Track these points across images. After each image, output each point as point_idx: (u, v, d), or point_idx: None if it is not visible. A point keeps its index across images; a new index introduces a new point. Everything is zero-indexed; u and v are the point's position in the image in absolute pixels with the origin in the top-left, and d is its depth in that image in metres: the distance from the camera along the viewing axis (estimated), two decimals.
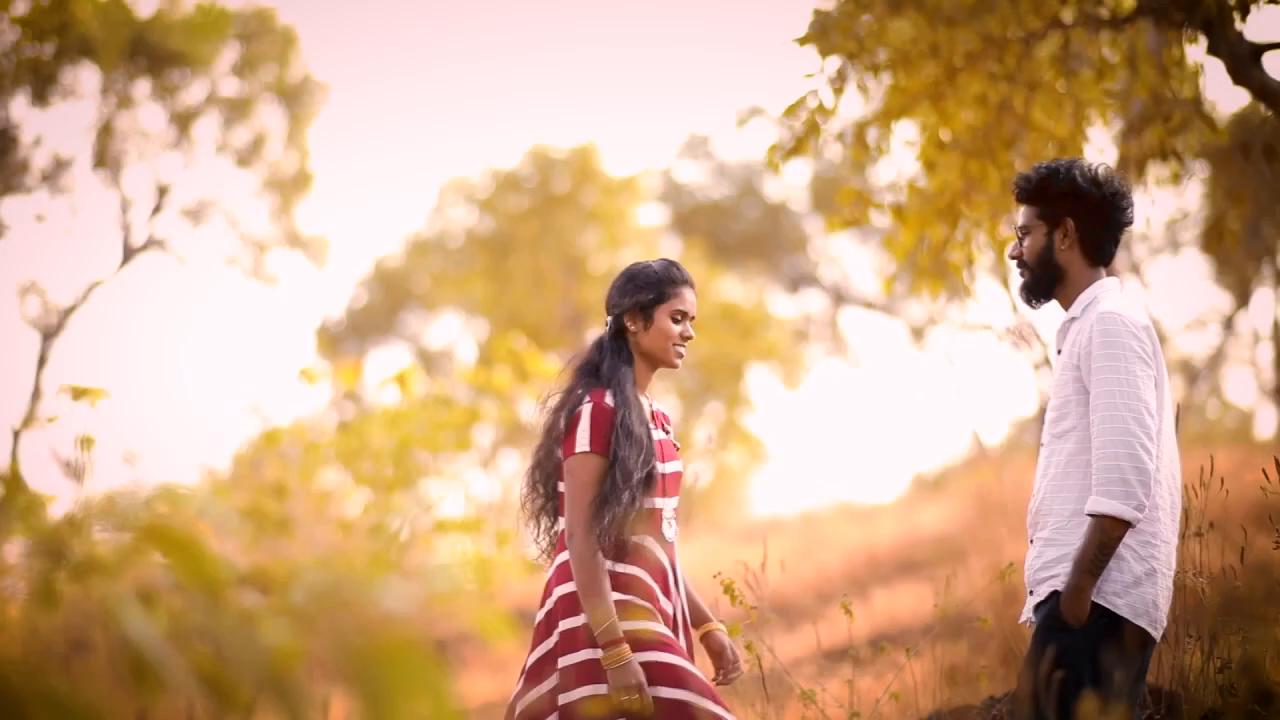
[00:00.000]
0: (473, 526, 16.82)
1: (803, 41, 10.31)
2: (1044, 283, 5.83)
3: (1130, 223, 5.82)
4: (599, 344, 5.87)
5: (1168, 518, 5.63)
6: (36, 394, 24.89)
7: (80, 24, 24.83)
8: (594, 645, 5.53)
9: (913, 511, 18.46)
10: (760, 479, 32.46)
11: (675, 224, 31.61)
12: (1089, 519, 5.48)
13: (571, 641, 5.57)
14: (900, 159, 11.07)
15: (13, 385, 26.86)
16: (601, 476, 5.60)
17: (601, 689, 5.50)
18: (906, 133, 11.33)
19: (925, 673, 7.90)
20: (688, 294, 5.88)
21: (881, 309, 31.72)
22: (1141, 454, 5.45)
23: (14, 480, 3.34)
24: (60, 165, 25.66)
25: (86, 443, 15.55)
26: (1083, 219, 5.76)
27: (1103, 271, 5.82)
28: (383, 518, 16.06)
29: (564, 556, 5.67)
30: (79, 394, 16.28)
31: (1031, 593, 5.70)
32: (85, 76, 25.49)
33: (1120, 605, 5.52)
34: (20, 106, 25.32)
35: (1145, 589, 5.55)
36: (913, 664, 7.60)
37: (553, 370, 16.47)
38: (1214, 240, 10.82)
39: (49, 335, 25.48)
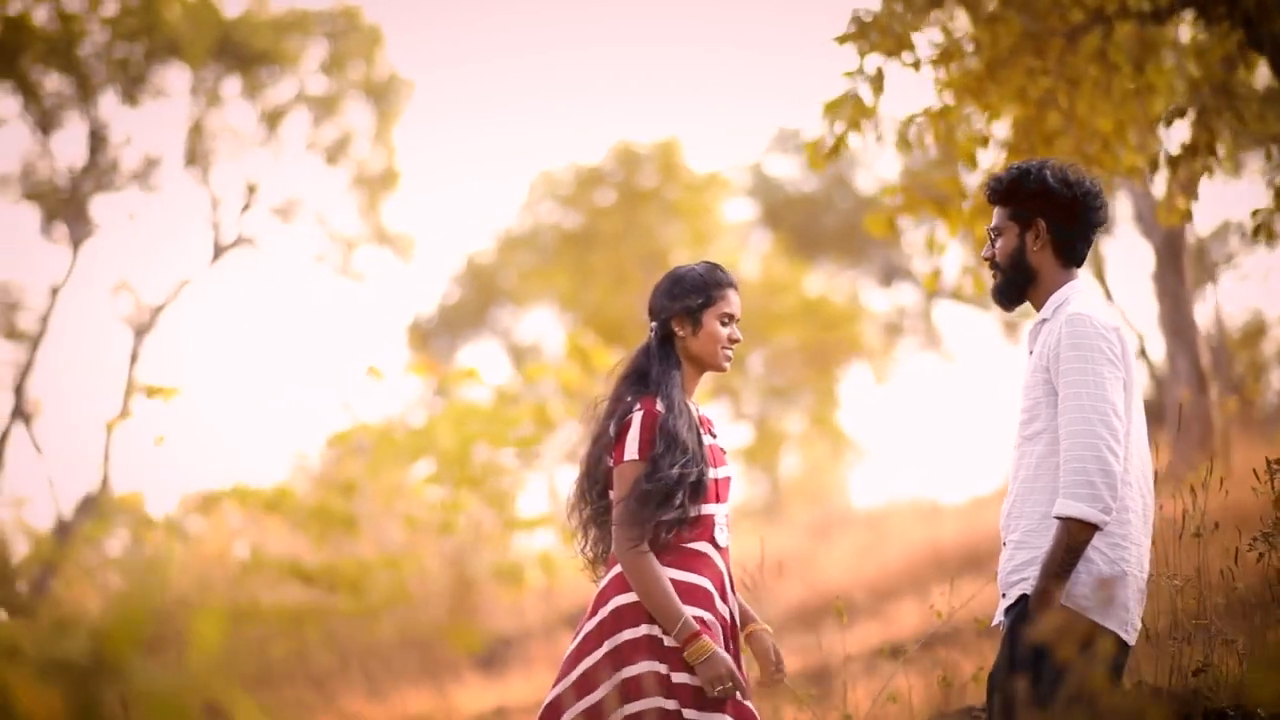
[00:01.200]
0: (541, 524, 16.89)
1: (842, 40, 10.28)
2: (1016, 284, 5.80)
3: (1103, 223, 5.77)
4: (645, 350, 5.81)
5: (1138, 520, 5.58)
6: (129, 391, 25.15)
7: (167, 24, 25.08)
8: (652, 657, 5.50)
9: (987, 509, 18.35)
10: (849, 473, 32.38)
11: (765, 218, 31.55)
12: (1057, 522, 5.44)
13: (630, 653, 5.54)
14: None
15: (107, 382, 27.16)
16: (642, 482, 5.56)
17: (659, 701, 5.48)
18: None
19: (933, 677, 7.86)
20: (733, 296, 5.85)
21: (973, 302, 31.50)
22: (1108, 456, 5.41)
23: None
24: (150, 164, 25.93)
25: (159, 440, 15.59)
26: (1054, 219, 5.72)
27: (1075, 272, 5.78)
28: (450, 515, 16.15)
29: (619, 568, 5.62)
30: (153, 392, 16.43)
31: (1004, 595, 5.67)
32: (174, 76, 25.75)
33: (1090, 608, 5.48)
34: (111, 106, 25.63)
35: (1115, 591, 5.50)
36: (910, 669, 7.57)
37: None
38: (1266, 234, 10.72)
39: (141, 332, 25.74)
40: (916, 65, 10.37)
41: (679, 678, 5.51)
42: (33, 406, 25.24)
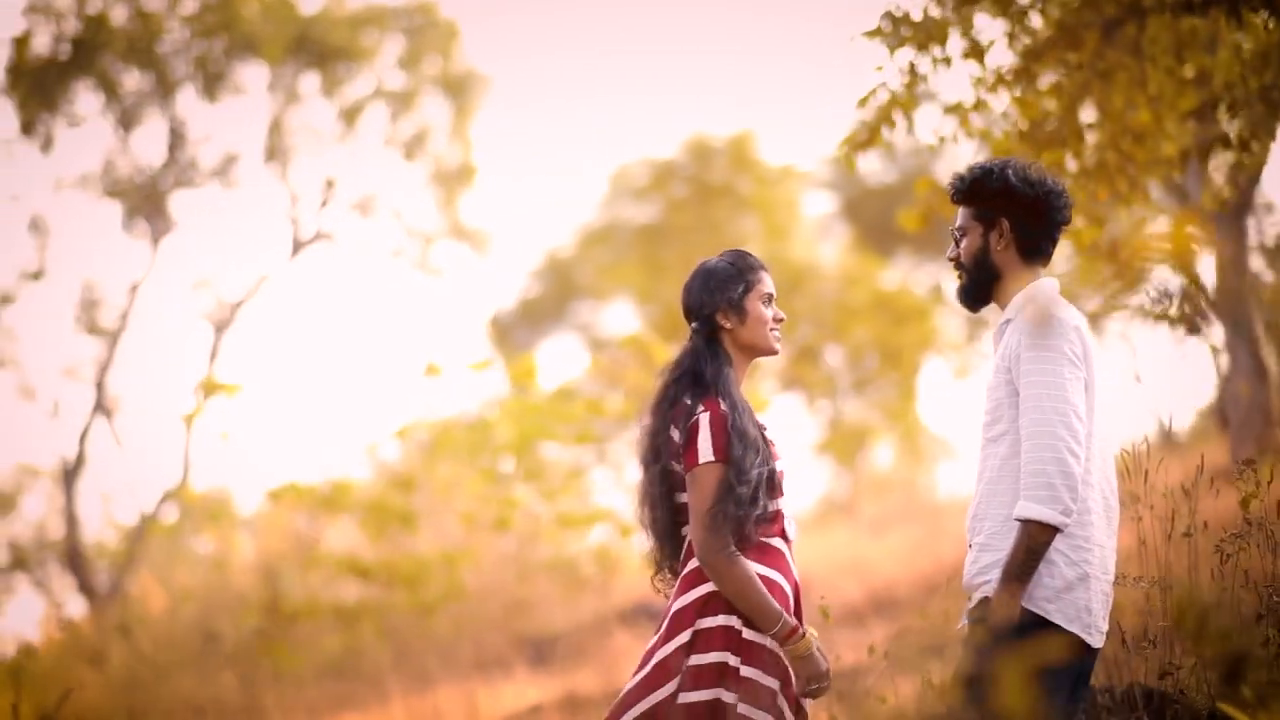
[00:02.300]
0: (596, 520, 16.88)
1: (871, 35, 10.23)
2: (980, 285, 5.76)
3: (1066, 221, 5.74)
4: (693, 351, 5.74)
5: (1101, 521, 5.54)
6: (208, 387, 25.34)
7: (245, 21, 25.27)
8: (727, 649, 5.48)
9: None
10: (935, 468, 32.18)
11: (844, 211, 31.39)
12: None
13: (707, 641, 5.51)
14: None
15: (186, 378, 27.39)
16: (729, 485, 5.52)
17: (721, 693, 5.45)
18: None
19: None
20: (768, 277, 5.82)
21: None
22: (1068, 458, 5.36)
23: None
24: (229, 161, 26.12)
25: (224, 437, 15.76)
26: (1018, 218, 5.68)
27: (1040, 272, 5.74)
28: (506, 511, 16.18)
29: (694, 564, 5.60)
30: (215, 389, 16.55)
31: (969, 598, 5.63)
32: (252, 73, 25.92)
33: (1051, 611, 5.44)
34: (189, 103, 25.83)
35: (1078, 594, 5.46)
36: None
37: None
38: None
39: (220, 328, 25.92)
40: (948, 61, 10.31)
41: (748, 671, 5.48)
42: (113, 402, 25.49)
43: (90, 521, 25.82)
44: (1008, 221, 5.68)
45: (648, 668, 5.56)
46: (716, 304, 5.74)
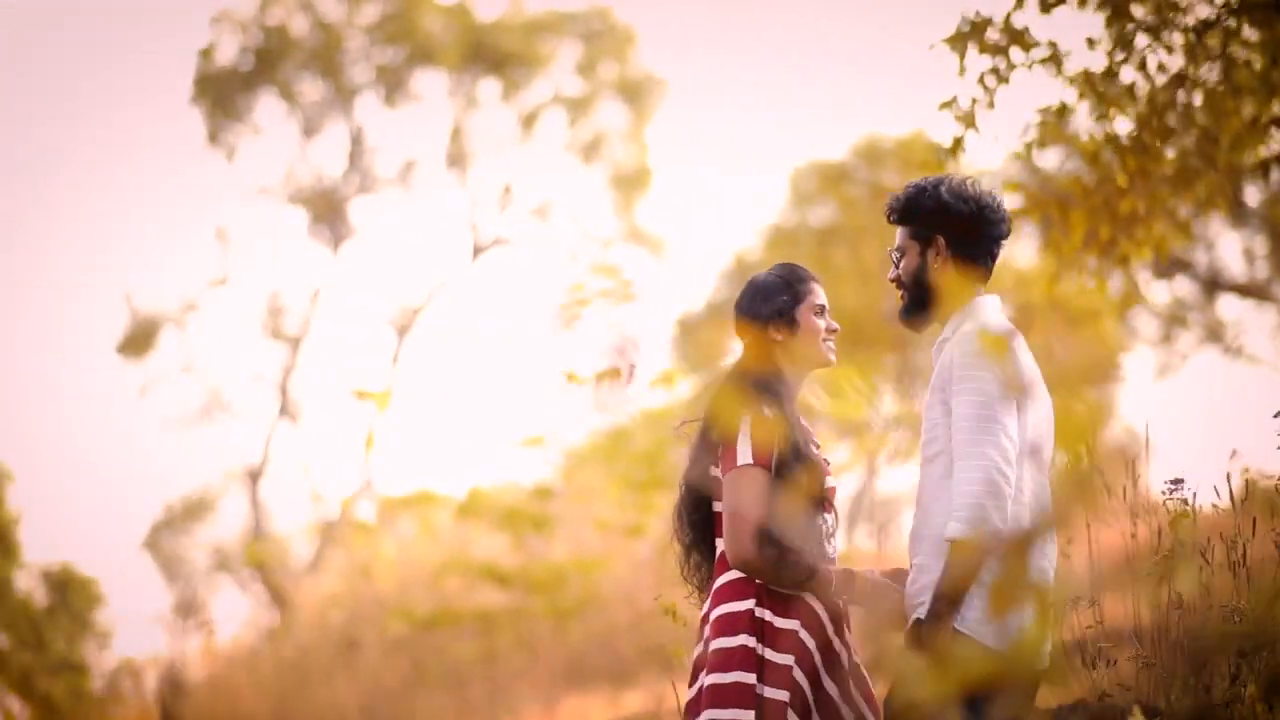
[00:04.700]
0: None
1: (951, 42, 10.09)
2: (920, 303, 5.65)
3: (1004, 235, 5.62)
4: (742, 364, 5.69)
5: (1035, 540, 5.41)
6: (389, 390, 25.66)
7: (422, 30, 25.57)
8: (744, 669, 5.41)
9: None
10: (1132, 470, 31.52)
11: (1030, 209, 30.82)
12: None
13: (725, 661, 5.44)
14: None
15: (368, 383, 27.74)
16: (767, 491, 5.43)
17: (745, 715, 5.43)
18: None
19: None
20: (818, 288, 5.74)
21: (1256, 295, 30.57)
22: (997, 478, 5.25)
23: None
24: (409, 167, 26.46)
25: (369, 442, 15.97)
26: (954, 235, 5.57)
27: (979, 288, 5.62)
28: (641, 518, 16.17)
29: (724, 579, 5.53)
30: (365, 397, 16.82)
31: (909, 618, 5.53)
32: (430, 80, 26.23)
33: (984, 633, 5.33)
34: (367, 111, 26.24)
35: (1011, 615, 5.34)
36: None
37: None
38: None
39: (401, 333, 26.27)
40: (1030, 65, 10.13)
41: (771, 693, 5.43)
42: (295, 407, 25.94)
43: (271, 525, 26.29)
44: (944, 239, 5.58)
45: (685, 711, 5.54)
46: (766, 317, 5.66)
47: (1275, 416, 6.12)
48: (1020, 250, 31.10)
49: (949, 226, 5.57)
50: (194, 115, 26.16)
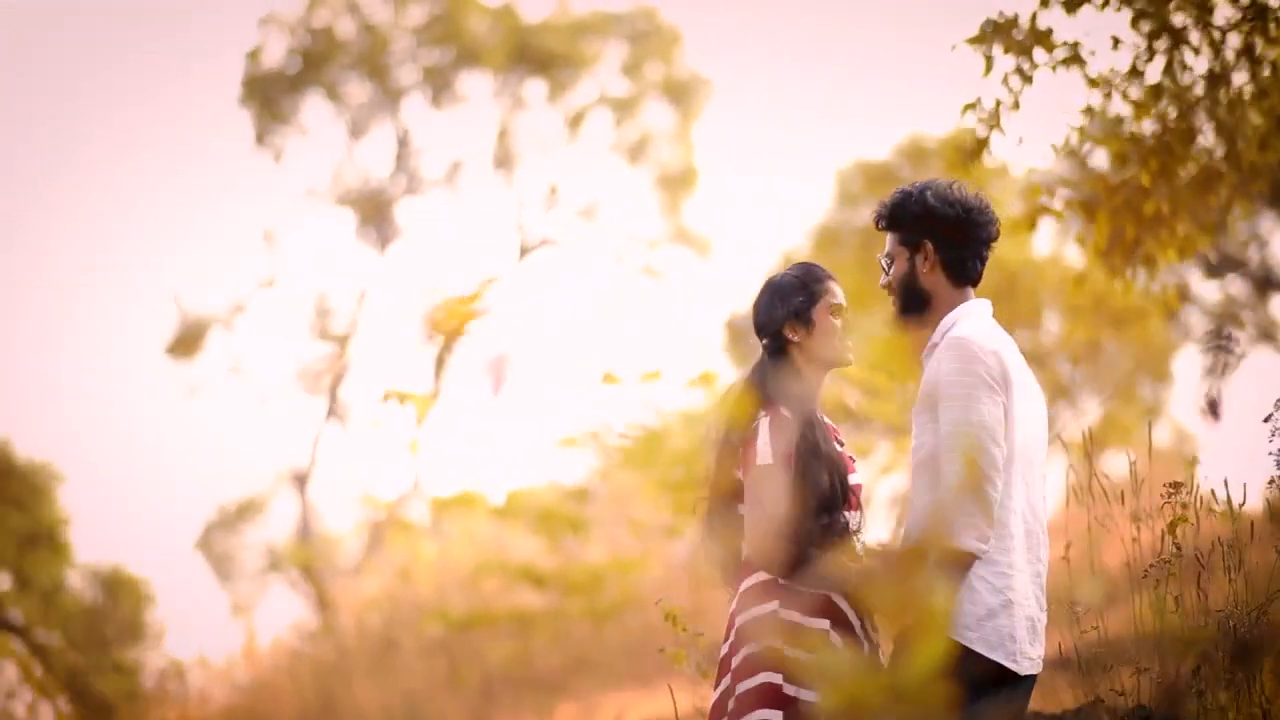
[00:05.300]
0: None
1: (973, 42, 10.05)
2: (912, 309, 5.64)
3: (993, 238, 5.62)
4: (760, 366, 5.69)
5: (1022, 546, 5.40)
6: (434, 395, 25.72)
7: (468, 31, 25.62)
8: (771, 669, 5.40)
9: None
10: (1187, 470, 31.31)
11: (1078, 207, 30.67)
12: None
13: (753, 667, 5.45)
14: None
15: (414, 385, 27.79)
16: (787, 490, 5.44)
17: (774, 715, 5.42)
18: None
19: None
20: (836, 288, 5.74)
21: None
22: (983, 484, 5.22)
23: None
24: (455, 168, 26.51)
25: (413, 447, 16.04)
26: (941, 240, 5.57)
27: (970, 292, 5.62)
28: (678, 519, 16.15)
29: (749, 581, 5.54)
30: (404, 399, 16.85)
31: None
32: (477, 81, 26.28)
33: (973, 639, 5.32)
34: (413, 112, 26.30)
35: (1000, 621, 5.33)
36: None
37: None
38: None
39: (450, 336, 26.26)
40: (1053, 67, 10.09)
41: (805, 694, 5.42)
42: (343, 408, 26.01)
43: (320, 526, 26.38)
44: (931, 244, 5.57)
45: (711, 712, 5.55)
46: (782, 317, 5.65)
47: (1265, 421, 6.08)
48: (1072, 251, 30.99)
49: (936, 231, 5.57)
50: (242, 117, 26.31)
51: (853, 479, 5.60)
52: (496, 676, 15.84)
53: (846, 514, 5.53)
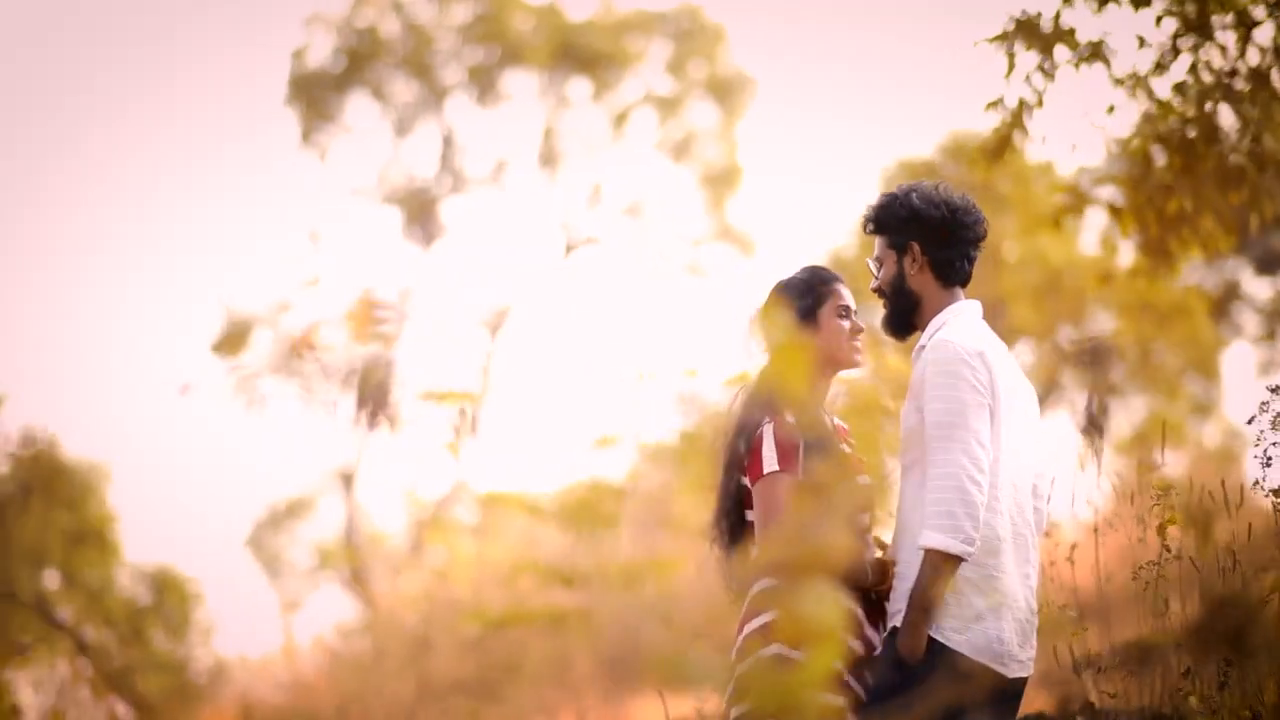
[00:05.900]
0: None
1: (995, 40, 10.03)
2: (901, 311, 5.64)
3: (980, 238, 5.60)
4: (766, 370, 5.68)
5: (1010, 549, 5.38)
6: (483, 392, 25.77)
7: (512, 30, 25.66)
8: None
9: None
10: (1234, 469, 31.21)
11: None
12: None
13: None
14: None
15: (459, 383, 27.81)
16: (794, 496, 5.33)
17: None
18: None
19: None
20: (843, 289, 5.73)
21: None
22: (969, 486, 5.23)
23: None
24: (499, 167, 26.55)
25: (452, 448, 16.05)
26: (928, 241, 5.57)
27: (959, 293, 5.61)
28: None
29: (758, 588, 5.54)
30: (442, 398, 16.91)
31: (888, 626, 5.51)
32: (521, 80, 26.31)
33: (960, 642, 5.31)
34: (458, 111, 26.34)
35: (988, 624, 5.32)
36: None
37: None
38: None
39: (493, 331, 26.36)
40: (1076, 64, 10.05)
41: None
42: (392, 408, 26.05)
43: (367, 525, 26.45)
44: (918, 245, 5.56)
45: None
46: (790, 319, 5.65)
47: (1248, 424, 6.04)
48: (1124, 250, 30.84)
49: (923, 233, 5.57)
50: (288, 116, 26.41)
51: (861, 480, 5.59)
52: (532, 676, 15.86)
53: (859, 516, 5.52)
